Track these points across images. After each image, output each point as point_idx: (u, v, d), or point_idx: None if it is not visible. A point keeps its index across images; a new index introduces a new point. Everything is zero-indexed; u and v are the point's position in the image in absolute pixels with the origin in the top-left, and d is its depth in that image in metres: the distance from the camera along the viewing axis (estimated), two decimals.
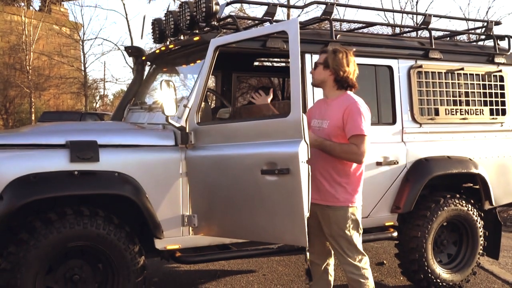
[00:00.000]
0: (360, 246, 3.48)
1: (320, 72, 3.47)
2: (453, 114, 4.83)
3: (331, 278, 3.73)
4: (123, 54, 26.59)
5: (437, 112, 4.76)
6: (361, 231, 3.50)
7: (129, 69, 25.90)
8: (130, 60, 21.90)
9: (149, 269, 3.66)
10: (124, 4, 27.09)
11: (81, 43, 26.33)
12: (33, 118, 23.54)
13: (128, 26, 27.52)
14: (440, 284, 4.67)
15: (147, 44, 23.43)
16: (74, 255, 3.47)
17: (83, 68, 26.41)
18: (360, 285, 3.46)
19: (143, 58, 5.12)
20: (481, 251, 4.91)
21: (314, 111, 3.65)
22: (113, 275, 3.51)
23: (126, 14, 29.07)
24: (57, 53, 26.34)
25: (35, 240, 3.23)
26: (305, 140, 3.30)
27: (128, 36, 31.87)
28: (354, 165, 3.41)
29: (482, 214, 4.92)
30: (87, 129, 4.17)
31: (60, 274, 3.44)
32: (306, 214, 3.38)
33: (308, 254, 3.72)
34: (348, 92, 3.46)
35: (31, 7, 26.97)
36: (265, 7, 4.18)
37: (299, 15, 14.14)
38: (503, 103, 5.10)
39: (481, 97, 5.01)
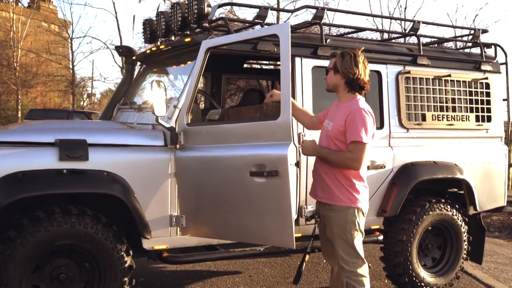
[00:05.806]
0: (360, 251, 3.44)
1: (331, 77, 3.48)
2: (440, 120, 4.88)
3: None
4: (111, 53, 26.53)
5: (424, 118, 4.81)
6: (362, 236, 3.46)
7: (117, 68, 25.89)
8: (118, 59, 21.87)
9: (135, 269, 3.65)
10: (114, 3, 27.23)
11: (69, 41, 26.22)
12: (19, 115, 23.34)
13: (118, 25, 27.48)
14: (424, 287, 4.72)
15: (136, 43, 23.37)
16: (61, 253, 3.47)
17: (71, 66, 26.29)
18: None
19: (134, 57, 5.11)
20: (465, 256, 4.97)
21: (329, 112, 3.64)
22: (99, 274, 3.51)
23: (116, 13, 29.13)
24: (45, 51, 26.14)
25: (22, 238, 3.22)
26: (294, 143, 3.33)
27: (117, 35, 31.73)
28: None
29: (467, 219, 4.98)
30: (77, 128, 4.15)
31: (46, 273, 3.43)
32: (294, 216, 3.41)
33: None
34: (358, 96, 3.46)
35: (19, 4, 26.75)
36: (254, 10, 4.20)
37: (288, 18, 14.21)
38: (488, 110, 5.17)
39: (467, 104, 5.06)
